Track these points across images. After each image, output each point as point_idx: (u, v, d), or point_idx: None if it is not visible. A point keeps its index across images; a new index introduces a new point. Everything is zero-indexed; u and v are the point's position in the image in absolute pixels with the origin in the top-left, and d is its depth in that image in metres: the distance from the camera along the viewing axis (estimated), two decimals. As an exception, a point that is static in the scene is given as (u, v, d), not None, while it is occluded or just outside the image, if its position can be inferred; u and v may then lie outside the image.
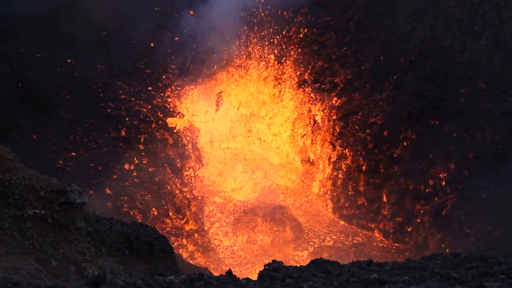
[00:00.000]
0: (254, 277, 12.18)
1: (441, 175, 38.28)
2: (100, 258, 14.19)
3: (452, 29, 42.51)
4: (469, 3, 42.43)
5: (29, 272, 11.60)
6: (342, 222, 44.06)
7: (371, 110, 44.10)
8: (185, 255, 38.54)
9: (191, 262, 37.32)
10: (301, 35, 50.63)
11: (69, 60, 42.98)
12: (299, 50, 50.30)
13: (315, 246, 42.58)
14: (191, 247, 40.39)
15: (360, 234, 42.42)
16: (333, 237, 42.94)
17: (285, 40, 51.25)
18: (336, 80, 47.34)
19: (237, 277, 11.88)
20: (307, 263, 13.85)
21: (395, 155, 41.52)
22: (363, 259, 14.15)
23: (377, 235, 41.77)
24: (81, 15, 46.11)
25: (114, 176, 39.11)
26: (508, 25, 39.83)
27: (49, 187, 14.35)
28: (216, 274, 21.45)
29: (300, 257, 42.09)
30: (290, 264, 13.08)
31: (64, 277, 12.59)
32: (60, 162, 37.19)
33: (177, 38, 50.46)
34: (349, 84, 46.48)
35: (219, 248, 42.87)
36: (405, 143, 41.36)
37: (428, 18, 44.06)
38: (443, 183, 37.87)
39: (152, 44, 49.25)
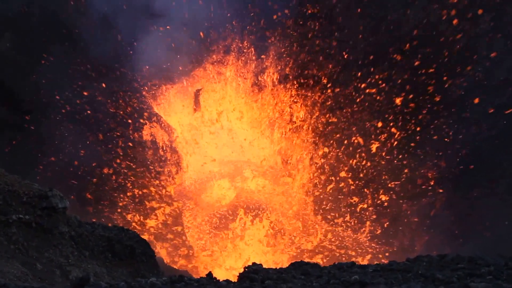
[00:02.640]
0: (234, 279, 13.08)
1: (429, 174, 38.78)
2: (84, 262, 15.17)
3: (447, 13, 41.52)
4: None
5: (16, 275, 12.49)
6: (324, 224, 44.38)
7: (357, 105, 44.29)
8: (166, 259, 39.41)
9: (171, 265, 38.09)
10: (282, 26, 49.99)
11: (43, 62, 43.20)
12: (280, 43, 49.86)
13: (296, 248, 43.26)
14: (171, 251, 41.25)
15: (344, 236, 42.88)
16: (315, 239, 43.51)
17: (264, 32, 50.72)
18: (319, 74, 47.16)
19: (217, 279, 12.59)
20: (288, 265, 14.31)
21: (382, 154, 41.96)
22: (346, 261, 14.77)
23: (361, 236, 42.16)
24: (52, 14, 46.13)
25: (94, 180, 39.93)
26: (509, 8, 39.07)
27: (31, 192, 15.26)
28: (196, 277, 22.39)
29: (280, 260, 42.58)
30: (270, 267, 13.79)
31: (50, 280, 13.48)
32: (40, 167, 37.98)
33: (151, 35, 50.59)
34: (334, 78, 46.39)
35: (199, 251, 43.58)
36: (393, 141, 41.83)
37: (420, 2, 43.13)
38: (432, 182, 38.35)
39: (126, 43, 49.26)
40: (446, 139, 38.87)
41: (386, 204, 40.95)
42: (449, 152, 38.41)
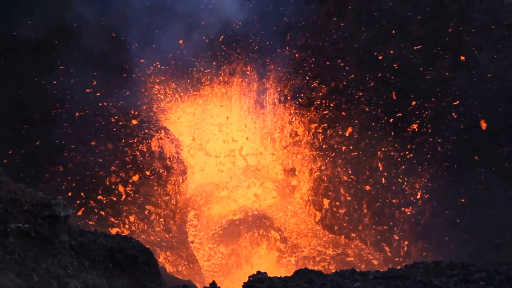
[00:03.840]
0: None
1: (417, 185, 38.41)
2: (83, 272, 13.54)
3: (417, 50, 43.29)
4: (430, 28, 43.46)
5: (10, 287, 10.97)
6: (324, 233, 44.00)
7: (348, 123, 44.55)
8: (169, 268, 37.90)
9: (174, 274, 36.74)
10: (281, 55, 51.64)
11: (62, 78, 42.67)
12: (279, 69, 51.06)
13: (299, 256, 42.34)
14: (175, 259, 39.79)
15: (343, 244, 42.43)
16: (317, 247, 42.85)
17: (266, 59, 52.30)
18: (313, 96, 47.77)
19: (221, 288, 11.49)
20: (292, 273, 13.49)
21: (373, 166, 41.78)
22: (346, 268, 13.86)
23: (359, 244, 41.80)
24: (71, 35, 45.98)
25: (100, 189, 38.61)
26: (467, 47, 40.63)
27: (33, 200, 13.83)
28: (199, 286, 20.84)
29: (284, 268, 41.81)
30: (274, 275, 12.63)
31: None
32: (46, 175, 36.69)
33: (163, 55, 50.82)
34: (326, 99, 46.88)
35: (202, 260, 42.40)
36: (380, 155, 41.54)
37: (395, 40, 44.96)
38: (420, 192, 37.99)
39: (139, 60, 49.35)
40: (428, 155, 38.71)
41: (381, 213, 40.50)
42: (432, 165, 38.10)
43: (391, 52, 44.70)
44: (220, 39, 53.53)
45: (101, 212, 36.86)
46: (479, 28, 40.76)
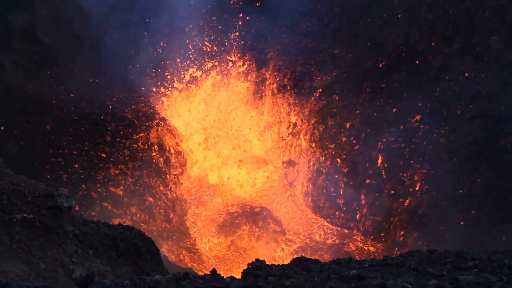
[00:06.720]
0: (238, 275, 12.20)
1: (416, 177, 38.49)
2: (88, 260, 14.04)
3: (426, 35, 42.74)
4: (441, 10, 42.65)
5: (18, 275, 11.46)
6: (322, 222, 44.12)
7: (349, 113, 44.37)
8: (170, 257, 38.34)
9: (176, 263, 37.13)
10: (281, 42, 50.76)
11: (55, 69, 42.60)
12: (279, 56, 50.42)
13: (297, 245, 42.64)
14: (176, 249, 40.21)
15: (340, 233, 42.58)
16: (314, 236, 43.06)
17: (265, 47, 51.42)
18: (314, 85, 47.61)
19: (222, 275, 11.86)
20: (289, 262, 13.83)
21: (373, 157, 41.66)
22: (343, 257, 14.23)
23: (356, 233, 41.94)
24: (63, 24, 45.81)
25: (100, 180, 38.83)
26: (478, 31, 40.06)
27: (36, 191, 14.17)
28: (201, 274, 21.27)
29: (282, 257, 42.05)
30: (272, 263, 13.06)
31: (53, 279, 12.45)
32: (47, 167, 36.82)
33: (161, 44, 50.47)
34: (328, 88, 46.76)
35: (203, 249, 42.71)
36: (381, 146, 41.48)
37: (402, 25, 44.37)
38: (419, 183, 38.07)
39: (135, 51, 49.24)
40: (430, 146, 38.78)
41: (378, 203, 40.61)
42: (433, 156, 38.35)
43: (398, 38, 44.10)
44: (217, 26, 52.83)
45: (103, 203, 37.15)
46: (493, 10, 39.78)
